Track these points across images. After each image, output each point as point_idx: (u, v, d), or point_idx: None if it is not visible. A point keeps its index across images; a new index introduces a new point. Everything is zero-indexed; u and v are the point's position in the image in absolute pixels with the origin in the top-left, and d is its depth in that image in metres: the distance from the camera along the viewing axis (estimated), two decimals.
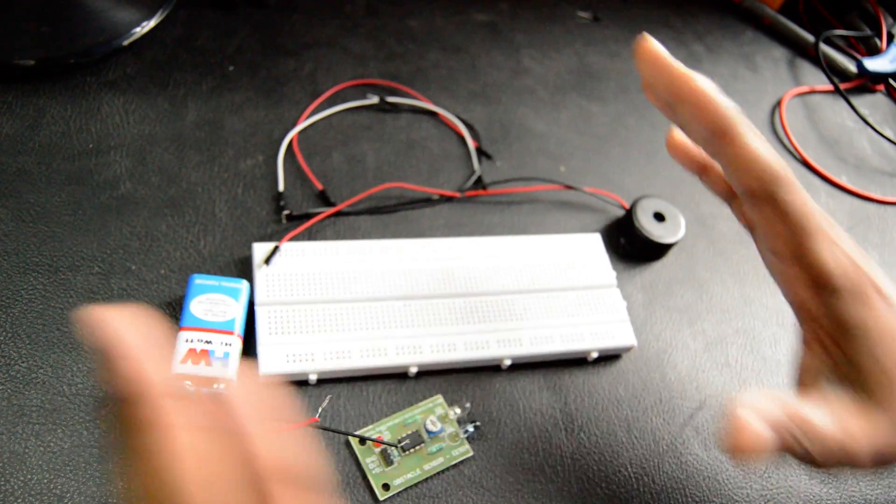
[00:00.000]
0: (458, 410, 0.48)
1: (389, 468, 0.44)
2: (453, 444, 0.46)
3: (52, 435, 0.42)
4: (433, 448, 0.46)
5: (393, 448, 0.45)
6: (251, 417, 0.26)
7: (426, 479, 0.45)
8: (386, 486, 0.44)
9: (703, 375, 0.55)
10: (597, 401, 0.52)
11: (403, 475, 0.44)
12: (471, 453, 0.46)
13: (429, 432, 0.46)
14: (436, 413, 0.47)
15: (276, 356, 0.46)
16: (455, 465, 0.46)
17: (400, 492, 0.44)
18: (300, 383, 0.47)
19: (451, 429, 0.47)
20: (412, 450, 0.45)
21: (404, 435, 0.46)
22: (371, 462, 0.44)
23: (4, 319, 0.45)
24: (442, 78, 0.69)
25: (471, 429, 0.47)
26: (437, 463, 0.45)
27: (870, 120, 0.79)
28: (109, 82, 0.59)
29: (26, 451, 0.41)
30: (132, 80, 0.60)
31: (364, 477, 0.44)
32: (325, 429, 0.45)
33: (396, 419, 0.47)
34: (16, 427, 0.42)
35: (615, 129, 0.70)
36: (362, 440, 0.45)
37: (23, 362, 0.44)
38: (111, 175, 0.54)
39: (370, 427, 0.46)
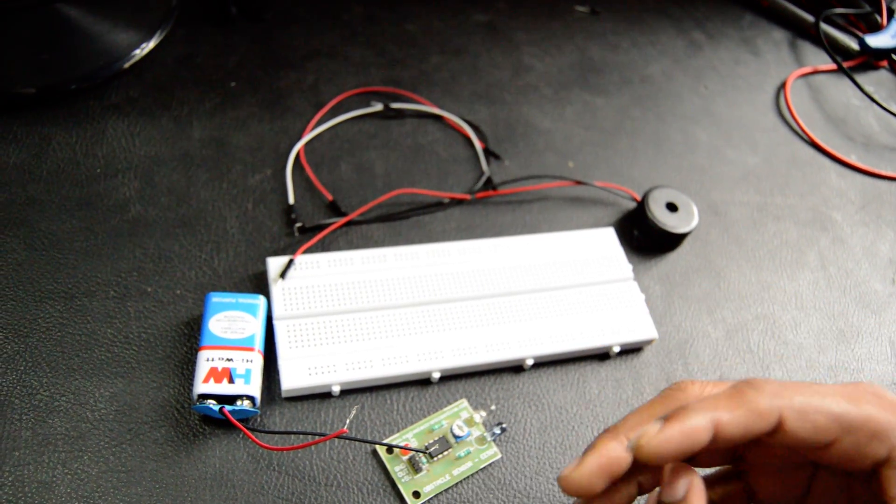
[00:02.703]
0: (483, 413, 0.48)
1: (418, 475, 0.44)
2: (481, 447, 0.46)
3: (79, 462, 0.42)
4: (461, 452, 0.46)
5: (421, 455, 0.45)
6: None
7: (456, 484, 0.45)
8: (416, 494, 0.43)
9: (727, 363, 0.54)
10: (622, 395, 0.51)
11: (433, 482, 0.44)
12: (499, 456, 0.46)
13: (455, 437, 0.46)
14: (461, 417, 0.47)
15: (298, 370, 0.46)
16: (484, 469, 0.46)
17: (430, 498, 0.44)
18: (323, 395, 0.47)
19: (477, 432, 0.47)
20: (440, 456, 0.45)
21: (431, 441, 0.45)
22: (400, 470, 0.44)
23: (23, 349, 0.45)
24: (444, 81, 0.69)
25: (497, 431, 0.47)
26: (465, 467, 0.45)
27: (875, 97, 0.79)
28: (113, 106, 0.59)
29: (54, 480, 0.41)
30: (135, 102, 0.60)
31: (394, 486, 0.44)
32: (351, 439, 0.45)
33: (422, 426, 0.46)
34: (42, 456, 0.41)
35: (621, 122, 0.70)
36: (389, 448, 0.45)
37: (44, 391, 0.44)
38: (121, 198, 0.54)
39: (396, 435, 0.46)
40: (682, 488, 0.32)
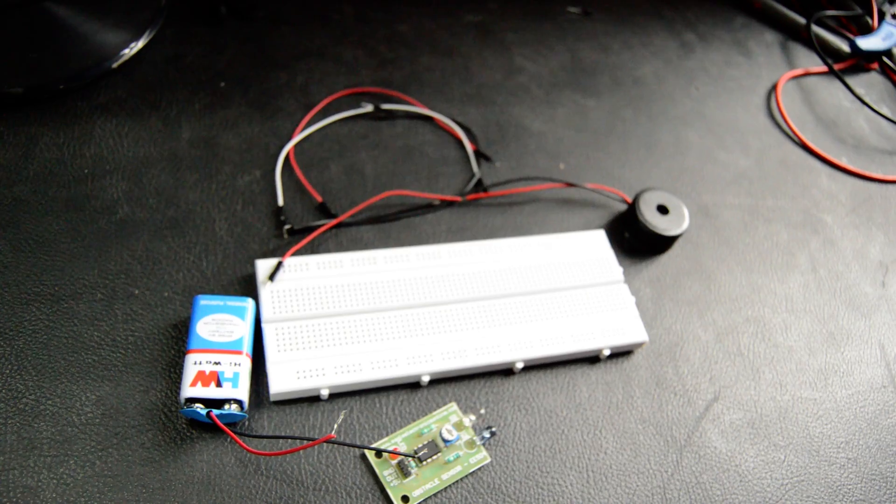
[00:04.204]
0: (472, 417, 0.48)
1: (407, 480, 0.44)
2: (470, 451, 0.46)
3: (65, 466, 0.41)
4: (450, 456, 0.45)
5: (410, 459, 0.44)
6: None
7: (445, 488, 0.44)
8: (405, 499, 0.43)
9: (717, 366, 0.54)
10: (611, 398, 0.51)
11: (422, 486, 0.44)
12: (488, 459, 0.46)
13: (445, 441, 0.46)
14: (451, 421, 0.47)
15: (287, 373, 0.45)
16: (473, 473, 0.45)
17: (419, 503, 0.43)
18: (312, 399, 0.47)
19: (467, 436, 0.47)
20: (429, 460, 0.45)
21: (420, 445, 0.45)
22: (388, 475, 0.44)
23: (9, 352, 0.45)
24: (435, 82, 0.68)
25: (487, 435, 0.47)
26: (455, 471, 0.45)
27: (866, 99, 0.79)
28: (101, 106, 0.59)
29: (39, 484, 0.40)
30: (124, 103, 0.59)
31: (382, 490, 0.44)
32: (339, 443, 0.45)
33: (411, 430, 0.46)
34: (27, 461, 0.41)
35: (612, 123, 0.70)
36: (378, 453, 0.45)
37: (30, 394, 0.43)
38: (108, 199, 0.53)
39: (385, 439, 0.46)
40: None
